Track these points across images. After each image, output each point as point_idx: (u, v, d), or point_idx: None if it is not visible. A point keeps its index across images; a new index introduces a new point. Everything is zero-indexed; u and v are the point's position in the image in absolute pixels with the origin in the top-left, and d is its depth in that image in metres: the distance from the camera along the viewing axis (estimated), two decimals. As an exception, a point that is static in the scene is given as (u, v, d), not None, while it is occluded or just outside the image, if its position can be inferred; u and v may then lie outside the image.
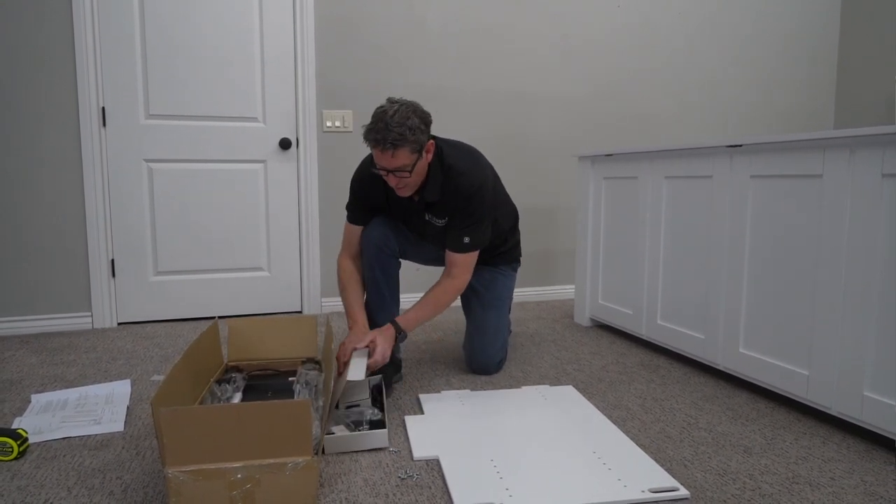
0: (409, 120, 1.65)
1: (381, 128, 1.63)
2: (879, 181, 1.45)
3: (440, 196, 1.83)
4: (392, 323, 1.80)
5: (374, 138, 1.65)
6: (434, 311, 1.85)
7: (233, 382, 1.70)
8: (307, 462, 1.17)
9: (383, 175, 1.74)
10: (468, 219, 1.84)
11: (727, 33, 3.58)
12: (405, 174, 1.71)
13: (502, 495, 1.26)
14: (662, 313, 2.28)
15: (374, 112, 1.68)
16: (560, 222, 3.41)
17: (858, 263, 1.51)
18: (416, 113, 1.68)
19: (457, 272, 1.87)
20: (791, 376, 1.71)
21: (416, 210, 1.90)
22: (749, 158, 1.84)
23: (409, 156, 1.68)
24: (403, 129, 1.63)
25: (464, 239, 1.85)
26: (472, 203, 1.82)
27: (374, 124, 1.65)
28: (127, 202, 2.78)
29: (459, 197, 1.82)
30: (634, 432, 1.61)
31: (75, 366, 2.20)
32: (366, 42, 3.00)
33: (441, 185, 1.82)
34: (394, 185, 1.75)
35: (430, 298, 1.85)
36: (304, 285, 3.04)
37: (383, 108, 1.67)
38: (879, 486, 1.32)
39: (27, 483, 1.34)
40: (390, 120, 1.63)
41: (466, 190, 1.81)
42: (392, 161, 1.67)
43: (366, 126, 1.68)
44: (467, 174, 1.82)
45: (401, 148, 1.64)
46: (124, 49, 2.71)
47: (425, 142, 1.72)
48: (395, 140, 1.63)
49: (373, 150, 1.69)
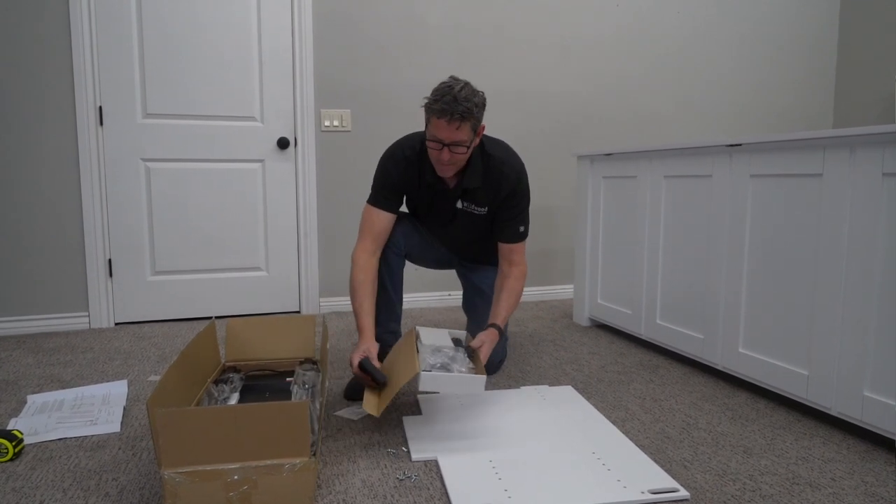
0: (475, 97, 1.67)
1: (449, 100, 1.63)
2: (880, 180, 1.44)
3: (481, 182, 1.85)
4: (493, 326, 1.78)
5: (442, 108, 1.64)
6: (517, 302, 1.89)
7: (230, 383, 1.69)
8: (304, 463, 1.16)
9: (436, 150, 1.71)
10: (517, 207, 1.90)
11: (726, 32, 3.58)
12: (461, 150, 1.71)
13: (501, 496, 1.25)
14: (662, 313, 2.27)
15: (438, 87, 1.68)
16: (559, 221, 3.41)
17: (859, 263, 1.50)
18: (478, 93, 1.70)
19: (517, 259, 1.92)
20: (791, 376, 1.71)
21: (450, 196, 1.90)
22: (749, 158, 1.83)
23: (469, 133, 1.69)
24: (470, 105, 1.65)
25: (519, 228, 1.92)
26: (519, 190, 1.89)
27: (441, 96, 1.65)
28: (124, 202, 2.77)
29: (506, 185, 1.86)
30: (634, 433, 1.60)
31: (72, 366, 2.19)
32: (365, 41, 3.00)
33: (482, 172, 1.85)
34: (445, 160, 1.72)
35: (508, 291, 1.87)
36: (302, 285, 3.04)
37: (448, 84, 1.67)
38: (880, 486, 1.32)
39: (22, 484, 1.33)
40: (458, 94, 1.64)
41: (513, 178, 1.87)
42: (455, 134, 1.67)
43: (427, 98, 1.69)
44: (509, 162, 1.87)
45: (466, 122, 1.66)
46: (122, 48, 2.70)
47: (481, 122, 1.74)
48: (464, 113, 1.64)
49: (435, 122, 1.67)
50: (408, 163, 1.87)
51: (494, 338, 1.75)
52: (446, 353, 1.63)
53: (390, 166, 1.88)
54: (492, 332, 1.76)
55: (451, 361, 1.59)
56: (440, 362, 1.57)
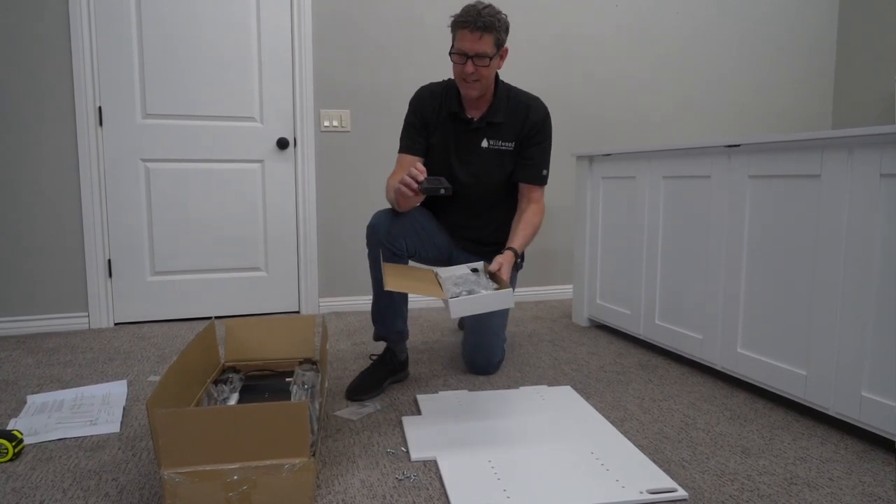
0: (499, 14, 1.81)
1: (472, 12, 1.77)
2: (878, 181, 1.45)
3: (506, 118, 1.96)
4: (510, 249, 1.85)
5: (465, 20, 1.78)
6: (533, 233, 1.97)
7: (230, 383, 1.69)
8: (304, 463, 1.17)
9: (460, 64, 1.82)
10: (542, 145, 1.99)
11: (726, 33, 3.58)
12: (484, 62, 1.81)
13: (500, 496, 1.25)
14: (660, 313, 2.27)
15: (464, 7, 1.80)
16: (558, 222, 3.41)
17: (856, 263, 1.50)
18: (502, 13, 1.82)
19: (537, 196, 2.02)
20: (789, 376, 1.71)
21: (474, 131, 1.97)
22: (747, 158, 1.84)
23: (492, 46, 1.81)
24: (493, 19, 1.78)
25: (542, 171, 2.01)
26: (546, 127, 1.99)
27: (465, 12, 1.79)
28: (124, 202, 2.77)
29: (533, 116, 1.97)
30: (632, 433, 1.61)
31: (71, 366, 2.19)
32: (364, 41, 3.00)
33: (507, 107, 1.96)
34: (469, 72, 1.82)
35: (525, 223, 1.95)
36: (302, 285, 3.04)
37: (473, 3, 1.81)
38: (877, 486, 1.32)
39: (22, 485, 1.33)
40: (482, 9, 1.78)
41: (541, 112, 1.98)
42: (478, 44, 1.78)
43: (453, 16, 1.82)
44: (536, 101, 2.00)
45: (488, 33, 1.78)
46: (121, 48, 2.70)
47: (504, 43, 1.85)
48: (486, 24, 1.77)
49: (459, 34, 1.81)
50: (432, 95, 2.00)
51: (511, 259, 1.81)
52: (469, 279, 1.65)
53: (415, 101, 2.02)
54: (508, 255, 1.82)
55: (476, 286, 1.60)
56: (465, 290, 1.58)
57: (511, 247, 1.87)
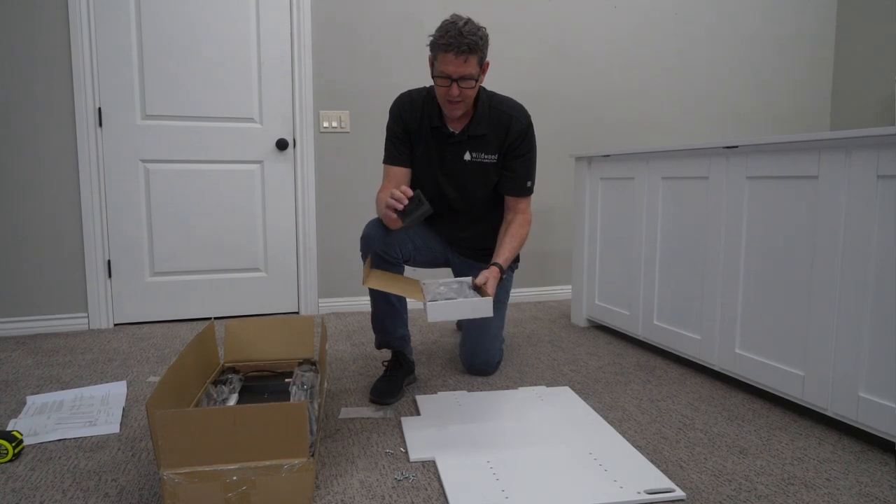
0: (479, 31, 1.71)
1: (454, 34, 1.67)
2: (875, 182, 1.45)
3: (488, 130, 1.89)
4: (495, 265, 1.82)
5: (448, 42, 1.68)
6: (519, 245, 1.93)
7: (229, 384, 1.69)
8: (303, 464, 1.17)
9: (445, 87, 1.74)
10: (526, 156, 1.93)
11: (724, 35, 3.59)
12: (470, 84, 1.74)
13: (498, 497, 1.26)
14: (659, 314, 2.28)
15: (441, 24, 1.72)
16: (557, 223, 3.41)
17: (854, 264, 1.51)
18: (481, 28, 1.73)
19: (523, 207, 1.98)
20: (787, 377, 1.72)
21: (456, 144, 1.91)
22: (745, 159, 1.84)
23: (476, 66, 1.73)
24: (476, 38, 1.69)
25: (527, 183, 1.96)
26: (528, 137, 1.93)
27: (446, 32, 1.69)
28: (123, 203, 2.78)
29: (515, 127, 1.90)
30: (631, 433, 1.61)
31: (71, 367, 2.20)
32: (363, 43, 3.00)
33: (488, 119, 1.89)
34: (454, 95, 1.74)
35: (512, 235, 1.92)
36: (301, 286, 3.04)
37: (451, 20, 1.71)
38: (875, 487, 1.32)
39: (22, 485, 1.33)
40: (463, 28, 1.68)
41: (523, 122, 1.91)
42: (463, 67, 1.70)
43: (432, 36, 1.73)
44: (518, 108, 1.93)
45: (473, 54, 1.70)
46: (121, 50, 2.70)
47: (486, 57, 1.78)
48: (471, 45, 1.68)
49: (442, 57, 1.71)
50: (413, 103, 1.91)
51: (497, 274, 1.78)
52: (452, 287, 1.65)
53: (396, 109, 1.93)
54: (494, 270, 1.79)
55: (457, 294, 1.60)
56: (445, 298, 1.58)
57: (496, 262, 1.84)
